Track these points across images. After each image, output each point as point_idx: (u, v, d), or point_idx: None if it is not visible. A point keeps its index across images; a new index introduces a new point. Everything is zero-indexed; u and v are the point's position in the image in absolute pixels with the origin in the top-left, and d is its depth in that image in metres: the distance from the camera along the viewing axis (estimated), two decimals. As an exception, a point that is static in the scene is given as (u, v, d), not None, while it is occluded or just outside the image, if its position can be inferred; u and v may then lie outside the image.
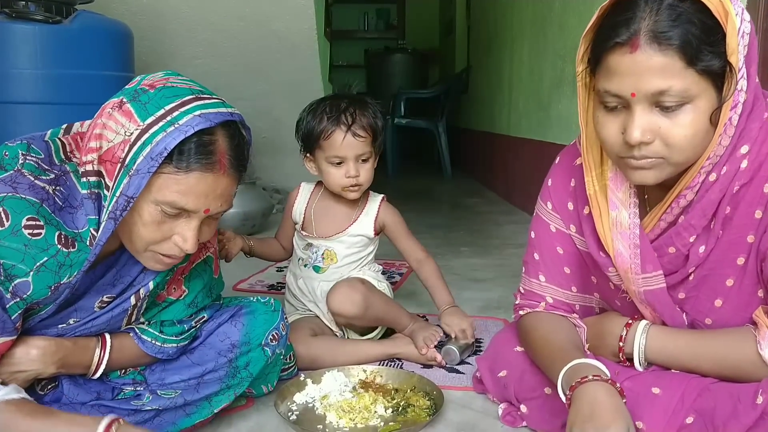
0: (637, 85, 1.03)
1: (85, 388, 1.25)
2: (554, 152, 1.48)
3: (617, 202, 1.22)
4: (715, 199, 1.13)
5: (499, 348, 1.50)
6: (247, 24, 3.90)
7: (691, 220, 1.16)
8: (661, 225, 1.20)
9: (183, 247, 1.12)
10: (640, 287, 1.22)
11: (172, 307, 1.33)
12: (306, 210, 1.88)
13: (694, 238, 1.17)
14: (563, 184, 1.38)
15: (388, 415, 1.44)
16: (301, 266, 1.90)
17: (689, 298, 1.22)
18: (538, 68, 4.00)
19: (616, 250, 1.22)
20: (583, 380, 1.08)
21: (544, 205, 1.42)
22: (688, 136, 1.05)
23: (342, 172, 1.77)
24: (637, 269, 1.21)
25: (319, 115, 1.77)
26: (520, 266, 1.49)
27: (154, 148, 1.03)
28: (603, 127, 1.12)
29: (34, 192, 1.06)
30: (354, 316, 1.75)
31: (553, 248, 1.39)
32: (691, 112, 1.04)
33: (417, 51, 8.62)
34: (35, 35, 2.57)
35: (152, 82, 1.10)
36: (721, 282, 1.18)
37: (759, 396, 1.06)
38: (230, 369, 1.35)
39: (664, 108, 1.04)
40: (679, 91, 1.02)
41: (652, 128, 1.05)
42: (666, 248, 1.20)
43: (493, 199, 5.05)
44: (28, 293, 1.05)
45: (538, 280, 1.41)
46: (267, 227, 3.59)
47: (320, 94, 4.33)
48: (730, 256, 1.16)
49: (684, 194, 1.14)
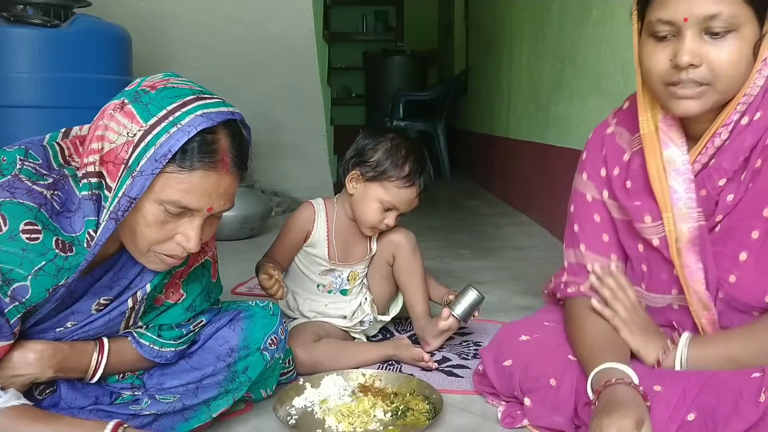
0: (690, 9, 1.12)
1: (83, 392, 1.25)
2: (553, 154, 1.50)
3: (669, 141, 1.28)
4: (747, 144, 1.19)
5: (504, 338, 1.51)
6: (245, 26, 3.90)
7: (723, 163, 1.22)
8: (696, 167, 1.26)
9: (186, 246, 1.13)
10: (695, 222, 1.26)
11: (171, 311, 1.33)
12: (328, 239, 1.84)
13: (723, 182, 1.22)
14: (596, 152, 1.46)
15: (388, 419, 1.43)
16: (324, 293, 1.87)
17: (715, 253, 1.25)
18: (537, 70, 4.00)
19: (671, 188, 1.27)
20: (607, 384, 1.15)
21: (580, 176, 1.49)
22: (733, 62, 1.14)
23: (382, 217, 1.79)
24: (692, 203, 1.25)
25: (402, 159, 1.76)
26: (519, 269, 1.49)
27: (157, 149, 1.04)
28: (652, 57, 1.20)
29: (32, 197, 1.06)
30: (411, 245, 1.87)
31: (591, 217, 1.45)
32: (737, 39, 1.13)
33: (416, 53, 8.62)
34: (33, 39, 2.58)
35: (152, 83, 1.10)
36: (747, 234, 1.21)
37: (762, 394, 1.06)
38: (229, 373, 1.35)
39: (713, 34, 1.12)
40: (727, 17, 1.11)
41: (700, 52, 1.13)
42: (698, 191, 1.25)
43: (493, 201, 5.05)
44: (27, 297, 1.05)
45: (579, 249, 1.46)
46: (265, 230, 3.59)
47: (319, 97, 4.34)
48: (757, 207, 1.20)
49: (719, 133, 1.22)
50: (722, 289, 1.25)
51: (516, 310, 2.24)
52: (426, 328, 1.85)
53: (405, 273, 1.88)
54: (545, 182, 3.63)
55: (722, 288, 1.25)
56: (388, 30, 9.55)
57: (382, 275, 1.92)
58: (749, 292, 1.22)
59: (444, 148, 6.41)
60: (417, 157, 1.78)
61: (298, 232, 1.83)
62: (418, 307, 1.88)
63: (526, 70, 4.28)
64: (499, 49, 5.13)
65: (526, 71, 4.28)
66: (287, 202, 4.35)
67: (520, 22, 4.45)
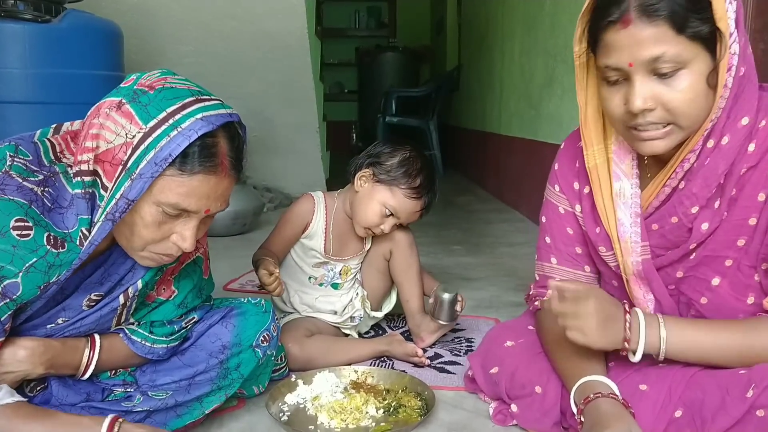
0: (634, 55, 1.09)
1: (74, 389, 1.24)
2: (545, 151, 1.51)
3: (620, 173, 1.27)
4: (718, 171, 1.17)
5: (490, 344, 1.51)
6: (238, 23, 3.89)
7: (693, 188, 1.19)
8: (665, 191, 1.24)
9: (182, 246, 1.13)
10: (638, 256, 1.26)
11: (162, 307, 1.33)
12: (326, 233, 1.85)
13: (696, 209, 1.20)
14: (569, 166, 1.43)
15: (380, 416, 1.44)
16: (315, 285, 1.88)
17: (687, 277, 1.25)
18: (529, 67, 4.01)
19: (618, 220, 1.27)
20: (587, 400, 1.17)
21: (552, 188, 1.46)
22: (687, 100, 1.10)
23: (381, 221, 1.80)
24: (637, 237, 1.26)
25: (417, 171, 1.79)
26: (512, 265, 1.50)
27: (158, 153, 1.04)
28: (608, 101, 1.18)
29: (23, 193, 1.05)
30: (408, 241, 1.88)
31: (563, 229, 1.43)
32: (688, 76, 1.09)
33: (408, 49, 8.62)
34: (24, 34, 2.56)
35: (150, 82, 1.10)
36: (721, 262, 1.21)
37: (750, 390, 1.07)
38: (221, 370, 1.35)
39: (662, 75, 1.09)
40: (672, 56, 1.07)
41: (653, 95, 1.11)
42: (669, 217, 1.23)
43: (485, 197, 5.06)
44: (18, 294, 1.05)
45: (550, 263, 1.45)
46: (258, 226, 3.59)
47: (311, 93, 4.33)
48: (732, 238, 1.19)
49: (687, 158, 1.18)
50: (693, 308, 1.26)
51: (508, 307, 2.25)
52: (421, 324, 1.86)
53: (401, 268, 1.89)
54: (537, 179, 3.63)
55: (693, 307, 1.26)
56: (380, 26, 9.55)
57: (378, 270, 1.92)
58: (721, 313, 1.23)
59: (436, 144, 6.41)
60: (429, 175, 1.81)
61: (297, 223, 1.84)
62: (413, 303, 1.89)
63: (518, 67, 4.29)
64: (491, 46, 5.14)
65: (518, 68, 4.29)
66: (279, 198, 4.35)
67: (512, 18, 4.45)
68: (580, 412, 1.18)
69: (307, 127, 4.53)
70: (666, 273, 1.27)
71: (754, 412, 1.05)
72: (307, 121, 4.50)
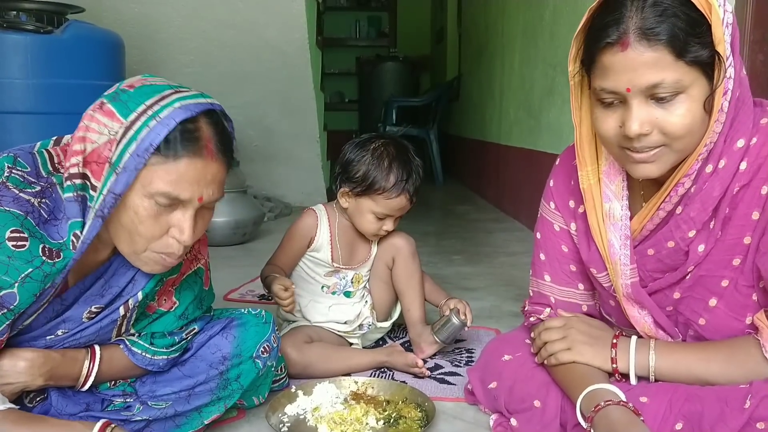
0: (632, 80, 1.07)
1: (74, 400, 1.24)
2: (544, 161, 1.51)
3: (610, 194, 1.27)
4: (714, 194, 1.16)
5: (489, 358, 1.50)
6: (239, 33, 3.90)
7: (691, 213, 1.18)
8: (660, 214, 1.22)
9: (180, 239, 1.12)
10: (627, 279, 1.26)
11: (163, 318, 1.33)
12: (332, 242, 1.86)
13: (693, 233, 1.19)
14: (564, 183, 1.42)
15: (380, 427, 1.43)
16: (328, 294, 1.89)
17: (684, 298, 1.24)
18: (528, 77, 4.02)
19: (608, 242, 1.26)
20: (598, 408, 1.14)
21: (547, 205, 1.45)
22: (685, 125, 1.08)
23: (379, 225, 1.81)
24: (626, 260, 1.25)
25: (386, 171, 1.77)
26: (511, 274, 1.50)
27: (139, 144, 1.04)
28: (602, 123, 1.15)
29: (19, 205, 1.06)
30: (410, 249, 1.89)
31: (558, 247, 1.42)
32: (686, 101, 1.07)
33: (408, 59, 8.65)
34: (26, 45, 2.58)
35: (131, 83, 1.11)
36: (717, 282, 1.20)
37: (747, 401, 1.07)
38: (221, 381, 1.35)
39: (659, 99, 1.07)
40: (671, 83, 1.05)
41: (649, 120, 1.09)
42: (665, 242, 1.23)
43: (484, 206, 5.07)
44: (15, 304, 1.05)
45: (544, 280, 1.44)
46: (258, 236, 3.58)
47: (312, 103, 4.34)
48: (727, 257, 1.18)
49: (682, 182, 1.17)
50: (691, 328, 1.26)
51: (508, 317, 2.24)
52: (422, 334, 1.85)
53: (403, 277, 1.89)
54: (537, 188, 3.61)
55: (691, 327, 1.26)
56: (381, 36, 9.57)
57: (383, 280, 1.93)
58: (719, 333, 1.22)
59: (436, 153, 6.43)
60: (401, 163, 1.78)
61: (301, 239, 1.85)
62: (414, 312, 1.88)
63: (518, 77, 4.30)
64: (491, 56, 5.15)
65: (518, 78, 4.30)
66: (280, 207, 4.35)
67: (512, 29, 4.47)
68: (589, 420, 1.16)
69: (308, 136, 4.54)
70: (664, 295, 1.27)
71: (753, 425, 1.05)
72: (308, 130, 4.51)
